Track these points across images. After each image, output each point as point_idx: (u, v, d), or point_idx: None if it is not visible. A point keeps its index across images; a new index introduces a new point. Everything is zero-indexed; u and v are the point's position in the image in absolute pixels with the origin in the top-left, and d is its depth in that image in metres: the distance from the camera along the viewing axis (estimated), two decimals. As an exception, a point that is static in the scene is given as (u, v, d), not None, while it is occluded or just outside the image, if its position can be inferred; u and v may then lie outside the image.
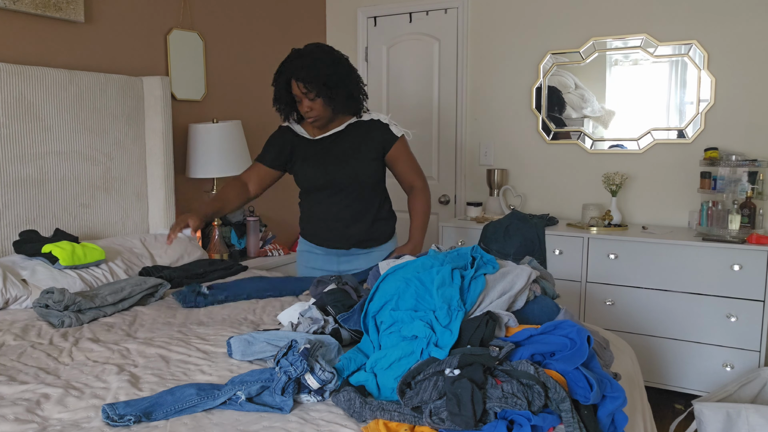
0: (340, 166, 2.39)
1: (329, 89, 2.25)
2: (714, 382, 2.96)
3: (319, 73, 2.22)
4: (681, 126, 3.32)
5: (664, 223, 3.41)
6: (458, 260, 1.66)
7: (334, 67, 2.27)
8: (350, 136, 2.41)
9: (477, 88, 3.85)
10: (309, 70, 2.22)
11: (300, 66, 2.24)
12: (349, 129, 2.42)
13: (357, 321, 1.68)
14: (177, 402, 1.35)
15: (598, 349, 1.54)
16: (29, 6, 2.55)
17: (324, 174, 2.40)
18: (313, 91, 2.24)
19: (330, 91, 2.25)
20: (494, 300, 1.57)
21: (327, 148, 2.41)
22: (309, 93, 2.25)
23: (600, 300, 3.18)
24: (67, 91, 2.63)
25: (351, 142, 2.41)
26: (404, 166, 2.48)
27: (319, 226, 2.48)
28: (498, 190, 3.71)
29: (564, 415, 1.21)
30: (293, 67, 2.26)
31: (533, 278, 1.67)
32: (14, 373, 1.56)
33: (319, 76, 2.22)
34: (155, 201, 3.00)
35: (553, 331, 1.39)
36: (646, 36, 3.34)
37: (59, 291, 2.00)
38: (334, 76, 2.25)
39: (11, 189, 2.47)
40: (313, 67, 2.23)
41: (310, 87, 2.23)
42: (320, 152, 2.41)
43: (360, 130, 2.42)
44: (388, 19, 4.08)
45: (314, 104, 2.28)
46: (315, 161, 2.41)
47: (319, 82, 2.22)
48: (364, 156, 2.40)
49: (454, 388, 1.21)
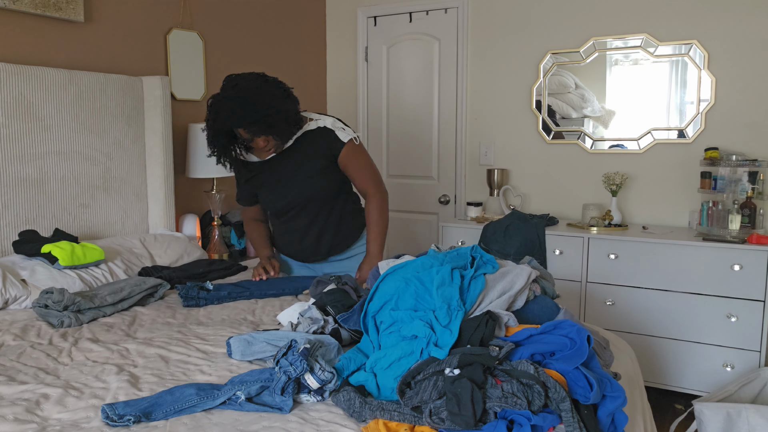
0: (291, 187, 2.38)
1: (271, 126, 2.21)
2: (714, 382, 2.96)
3: (254, 115, 2.16)
4: (681, 126, 3.32)
5: (664, 223, 3.41)
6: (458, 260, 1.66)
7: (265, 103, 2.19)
8: (297, 152, 2.37)
9: (477, 88, 3.85)
10: (244, 115, 2.17)
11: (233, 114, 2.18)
12: (296, 143, 2.37)
13: (357, 321, 1.68)
14: (176, 402, 1.35)
15: (598, 348, 1.54)
16: (29, 6, 2.54)
17: (280, 198, 2.41)
18: (259, 132, 2.21)
19: (272, 127, 2.21)
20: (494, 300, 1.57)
21: (276, 170, 2.40)
22: (257, 133, 2.22)
23: (600, 300, 3.17)
24: (66, 91, 2.63)
25: (297, 158, 2.37)
26: (355, 172, 2.41)
27: (293, 246, 2.53)
28: (498, 190, 3.71)
29: (564, 414, 1.21)
30: (228, 116, 2.19)
31: (533, 278, 1.67)
32: (14, 373, 1.56)
33: (257, 118, 2.17)
34: (155, 201, 3.00)
35: (552, 330, 1.39)
36: (646, 36, 3.34)
37: (59, 291, 1.99)
38: (271, 111, 2.19)
39: (11, 189, 2.46)
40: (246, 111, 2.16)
41: (254, 130, 2.20)
42: (272, 176, 2.41)
43: (306, 141, 2.37)
44: (388, 18, 4.07)
45: (268, 138, 2.26)
46: (269, 186, 2.42)
47: (260, 123, 2.19)
48: (312, 170, 2.37)
49: (453, 387, 1.21)
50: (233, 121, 2.19)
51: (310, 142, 2.37)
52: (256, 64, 3.69)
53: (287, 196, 2.40)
